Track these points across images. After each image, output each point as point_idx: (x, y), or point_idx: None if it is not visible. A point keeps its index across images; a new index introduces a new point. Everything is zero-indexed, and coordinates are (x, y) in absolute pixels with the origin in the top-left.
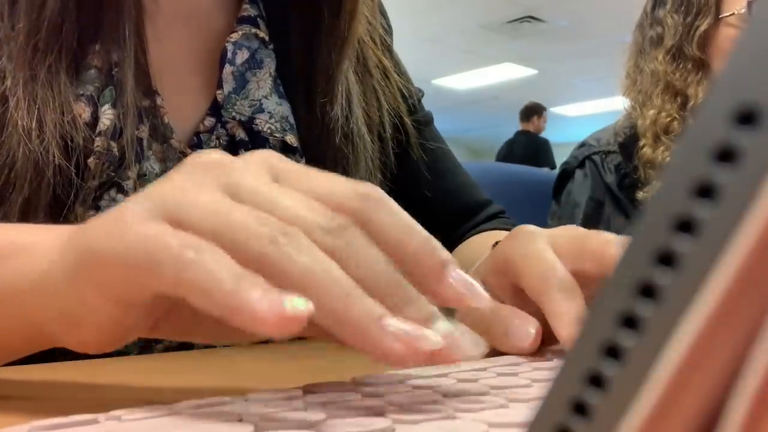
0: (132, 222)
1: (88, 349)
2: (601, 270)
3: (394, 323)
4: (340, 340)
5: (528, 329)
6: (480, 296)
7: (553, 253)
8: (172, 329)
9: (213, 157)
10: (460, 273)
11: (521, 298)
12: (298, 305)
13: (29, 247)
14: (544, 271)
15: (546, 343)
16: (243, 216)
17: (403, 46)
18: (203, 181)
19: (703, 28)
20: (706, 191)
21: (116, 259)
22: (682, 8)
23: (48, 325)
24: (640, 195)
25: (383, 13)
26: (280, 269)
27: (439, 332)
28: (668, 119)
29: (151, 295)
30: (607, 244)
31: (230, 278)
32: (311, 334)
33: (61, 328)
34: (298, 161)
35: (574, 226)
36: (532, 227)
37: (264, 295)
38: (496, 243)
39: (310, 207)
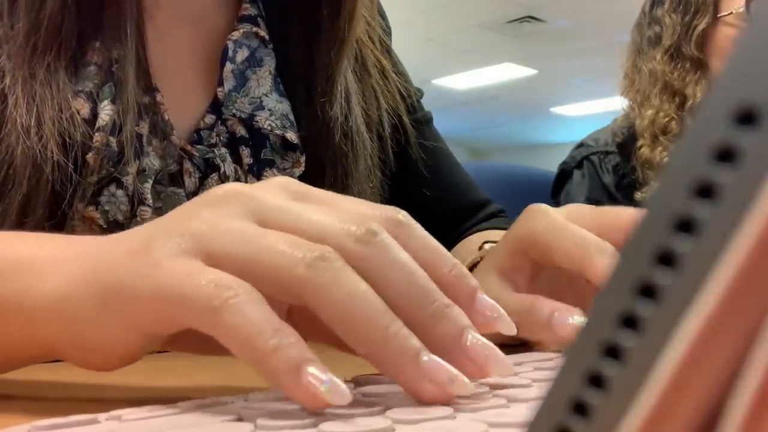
0: (162, 257)
1: (95, 368)
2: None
3: (430, 361)
4: (348, 349)
5: (571, 319)
6: (507, 323)
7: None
8: (186, 345)
9: (233, 187)
10: (488, 299)
11: (537, 280)
12: (338, 391)
13: (38, 263)
14: (578, 238)
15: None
16: (275, 241)
17: (402, 46)
18: (228, 211)
19: (701, 27)
20: (706, 191)
21: (149, 297)
22: (680, 7)
23: (58, 345)
24: (638, 196)
25: (382, 14)
26: (321, 297)
27: (474, 344)
28: (666, 119)
29: (181, 328)
30: (624, 214)
31: (269, 331)
32: (319, 339)
33: (73, 350)
34: (298, 158)
35: (579, 204)
36: (543, 205)
37: (302, 366)
38: (485, 243)
39: (339, 218)
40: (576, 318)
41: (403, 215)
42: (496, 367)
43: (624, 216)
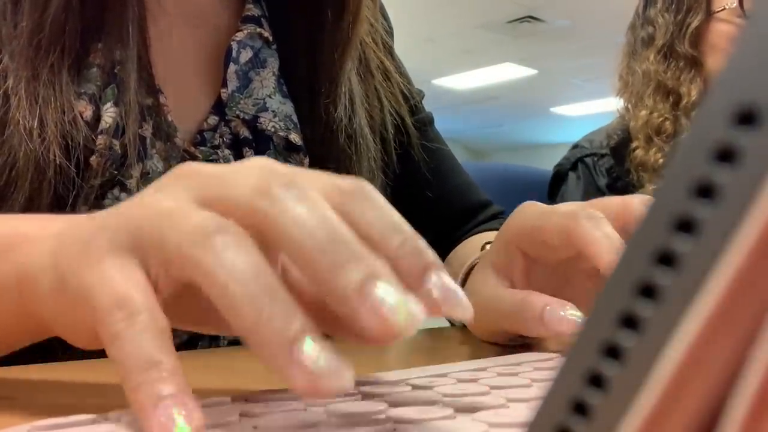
0: (95, 256)
1: (83, 347)
2: (619, 223)
3: (305, 352)
4: (358, 339)
5: (562, 313)
6: (462, 306)
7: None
8: (180, 318)
9: (185, 165)
10: (443, 278)
11: (533, 276)
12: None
13: (26, 238)
14: (565, 213)
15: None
16: (191, 220)
17: (403, 46)
18: (174, 195)
19: (694, 24)
20: (706, 191)
21: (75, 300)
22: (673, 6)
23: (46, 320)
24: None
25: (384, 15)
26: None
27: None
28: (660, 119)
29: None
30: (619, 201)
31: (138, 368)
32: (325, 330)
33: (56, 327)
34: (302, 160)
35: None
36: (534, 201)
37: (160, 401)
38: (486, 244)
39: (266, 179)
40: (569, 311)
41: (360, 185)
42: (391, 322)
43: (620, 202)
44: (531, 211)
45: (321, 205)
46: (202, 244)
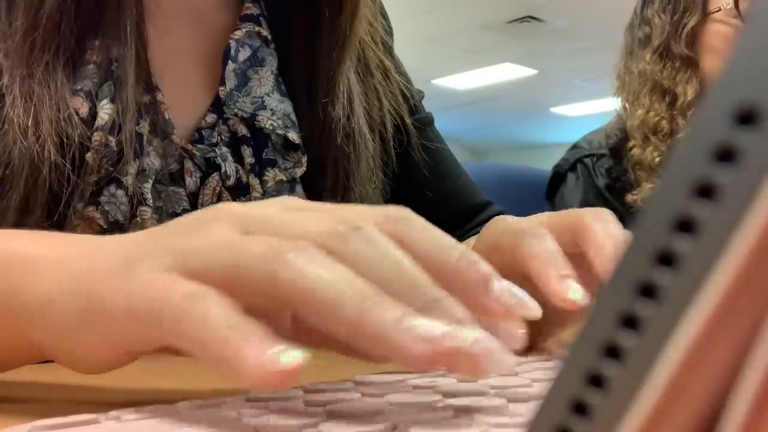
0: (138, 274)
1: (82, 372)
2: (575, 242)
3: (418, 322)
4: (352, 352)
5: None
6: (529, 307)
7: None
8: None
9: (222, 204)
10: (506, 283)
11: None
12: (291, 357)
13: (32, 262)
14: (517, 231)
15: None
16: (249, 243)
17: (403, 46)
18: (210, 225)
19: (690, 25)
20: (706, 191)
21: (123, 316)
22: (669, 6)
23: (45, 347)
24: (629, 197)
25: (384, 15)
26: (288, 288)
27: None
28: (657, 118)
29: (157, 346)
30: (581, 215)
31: (223, 328)
32: (324, 347)
33: (57, 355)
34: (300, 158)
35: (544, 213)
36: (505, 216)
37: (258, 348)
38: None
39: (326, 220)
40: (518, 332)
41: (404, 211)
42: (497, 366)
43: (573, 213)
44: (496, 228)
45: (385, 245)
46: (282, 261)
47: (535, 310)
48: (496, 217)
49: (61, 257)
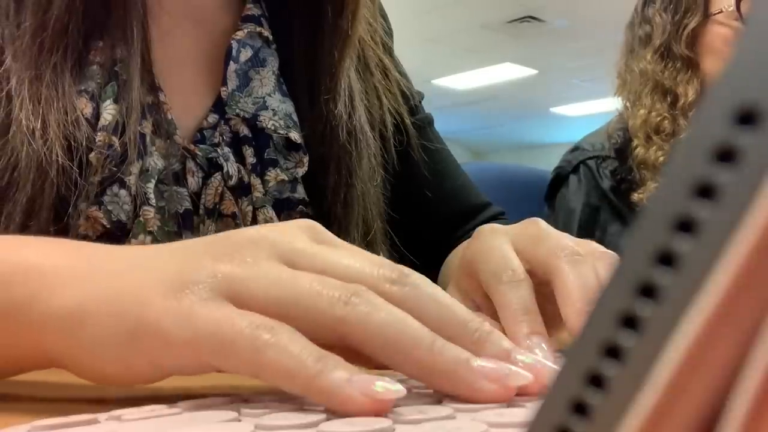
0: (195, 302)
1: (99, 383)
2: (542, 278)
3: (482, 363)
4: (365, 363)
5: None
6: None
7: (511, 247)
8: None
9: (260, 231)
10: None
11: (491, 300)
12: (388, 387)
13: (47, 271)
14: (497, 265)
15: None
16: (309, 282)
17: (403, 46)
18: (258, 254)
19: (691, 26)
20: (706, 191)
21: (183, 343)
22: (671, 6)
23: (63, 358)
24: (634, 197)
25: (384, 16)
26: (362, 329)
27: (523, 362)
28: (659, 118)
29: (211, 371)
30: (556, 255)
31: (312, 360)
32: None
33: (80, 368)
34: (301, 158)
35: (535, 219)
36: (492, 226)
37: (349, 378)
38: None
39: (369, 262)
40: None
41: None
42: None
43: (551, 257)
44: (478, 244)
45: (431, 288)
46: (350, 303)
47: (523, 378)
48: (479, 228)
49: (82, 268)
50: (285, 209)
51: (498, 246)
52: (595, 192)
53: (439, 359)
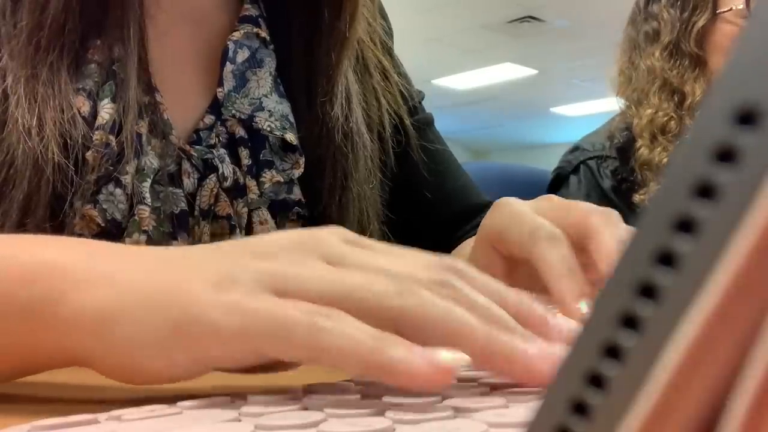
0: (243, 294)
1: (128, 382)
2: (580, 241)
3: (536, 346)
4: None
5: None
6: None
7: (536, 214)
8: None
9: (302, 232)
10: (563, 319)
11: (512, 275)
12: (448, 357)
13: (70, 269)
14: (531, 226)
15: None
16: (361, 277)
17: (403, 46)
18: (302, 254)
19: (700, 23)
20: (706, 191)
21: (232, 335)
22: (678, 3)
23: (94, 359)
24: (636, 197)
25: (384, 16)
26: (419, 319)
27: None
28: (666, 118)
29: (258, 363)
30: (588, 216)
31: (370, 339)
32: None
33: (111, 367)
34: (297, 160)
35: (548, 195)
36: (511, 199)
37: (411, 350)
38: None
39: (410, 265)
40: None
41: (461, 264)
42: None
43: (588, 216)
44: (502, 211)
45: (471, 288)
46: (411, 296)
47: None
48: (498, 201)
49: (109, 267)
50: (281, 211)
51: (526, 211)
52: (595, 192)
53: (495, 345)
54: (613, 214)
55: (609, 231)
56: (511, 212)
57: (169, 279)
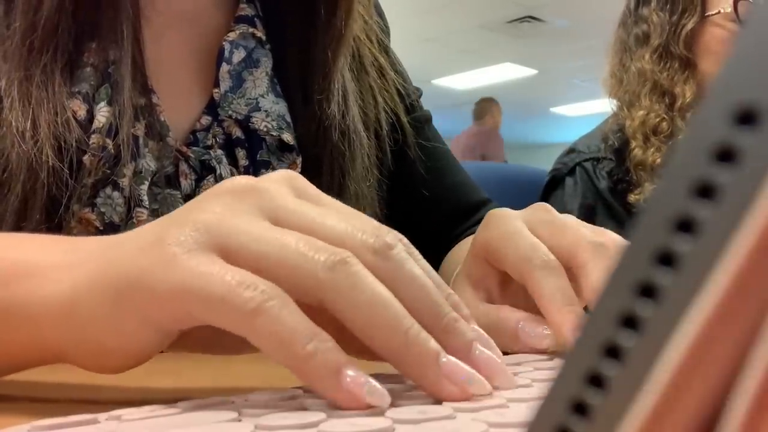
0: (177, 251)
1: (107, 372)
2: (569, 266)
3: (449, 362)
4: (361, 353)
5: (537, 330)
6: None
7: (530, 233)
8: (193, 343)
9: (242, 181)
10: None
11: (507, 287)
12: (377, 392)
13: (39, 268)
14: (526, 250)
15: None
16: (296, 242)
17: (403, 46)
18: (241, 207)
19: (689, 26)
20: (706, 191)
21: (167, 292)
22: (668, 6)
23: (67, 350)
24: (631, 198)
25: (380, 14)
26: (341, 302)
27: (480, 357)
28: (657, 120)
29: (197, 325)
30: (580, 243)
31: (305, 337)
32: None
33: (83, 354)
34: (294, 159)
35: (543, 204)
36: (504, 210)
37: (342, 369)
38: None
39: (354, 226)
40: (542, 328)
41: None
42: (501, 379)
43: (579, 239)
44: (496, 227)
45: (412, 265)
46: (342, 272)
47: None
48: (491, 213)
49: (73, 260)
50: None
51: (520, 231)
52: (591, 193)
53: (411, 350)
54: (607, 239)
55: (600, 265)
56: (506, 231)
57: (116, 254)
